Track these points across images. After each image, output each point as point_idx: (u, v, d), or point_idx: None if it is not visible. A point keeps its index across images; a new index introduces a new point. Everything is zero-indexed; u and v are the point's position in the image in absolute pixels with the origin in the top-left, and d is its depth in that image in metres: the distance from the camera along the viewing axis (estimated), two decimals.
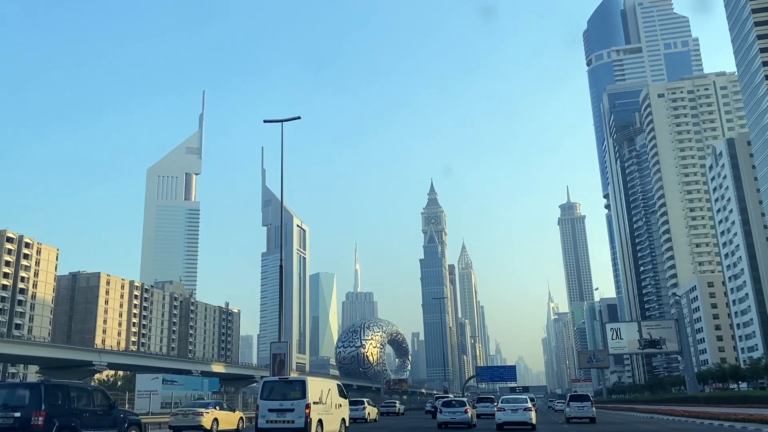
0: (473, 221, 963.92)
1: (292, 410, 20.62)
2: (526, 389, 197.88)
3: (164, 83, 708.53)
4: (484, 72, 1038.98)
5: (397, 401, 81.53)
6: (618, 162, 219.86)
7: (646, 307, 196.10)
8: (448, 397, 53.00)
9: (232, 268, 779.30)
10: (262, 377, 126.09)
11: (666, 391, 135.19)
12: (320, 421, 21.37)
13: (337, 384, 25.20)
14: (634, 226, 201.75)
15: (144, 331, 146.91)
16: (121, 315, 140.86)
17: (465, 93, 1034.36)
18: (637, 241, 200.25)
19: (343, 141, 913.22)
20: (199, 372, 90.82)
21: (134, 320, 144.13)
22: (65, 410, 16.16)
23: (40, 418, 15.08)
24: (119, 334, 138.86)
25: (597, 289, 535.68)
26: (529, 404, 32.45)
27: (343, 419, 24.77)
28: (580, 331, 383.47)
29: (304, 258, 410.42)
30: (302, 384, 21.28)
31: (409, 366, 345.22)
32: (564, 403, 66.72)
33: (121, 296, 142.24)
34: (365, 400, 52.40)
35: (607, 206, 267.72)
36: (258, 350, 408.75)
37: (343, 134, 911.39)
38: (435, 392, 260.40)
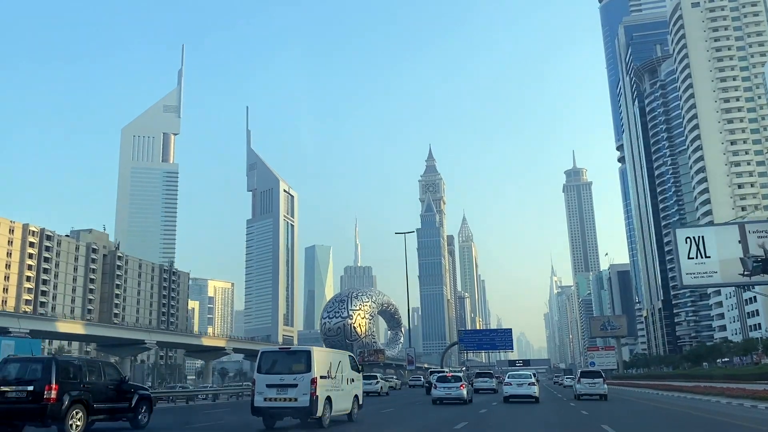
0: (474, 193, 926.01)
1: (294, 386, 17.03)
2: (527, 362, 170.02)
3: (140, 36, 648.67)
4: (484, 30, 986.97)
5: (422, 376, 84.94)
6: (636, 102, 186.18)
7: (669, 266, 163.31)
8: (443, 371, 50.76)
9: (214, 237, 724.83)
10: (158, 342, 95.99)
11: (695, 363, 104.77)
12: (328, 399, 17.85)
13: (349, 356, 21.32)
14: (656, 173, 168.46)
15: (45, 289, 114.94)
16: (9, 267, 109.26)
17: (463, 54, 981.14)
18: (659, 189, 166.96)
19: (339, 109, 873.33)
20: (28, 331, 60.15)
21: (29, 274, 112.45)
22: (77, 384, 15.80)
23: (53, 392, 14.86)
24: (6, 290, 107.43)
25: (606, 254, 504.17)
26: (533, 379, 33.79)
27: (356, 396, 20.64)
28: (585, 302, 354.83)
29: (292, 225, 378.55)
30: (307, 355, 17.67)
31: (402, 338, 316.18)
32: (572, 378, 60.26)
33: (10, 243, 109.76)
34: (377, 374, 55.90)
35: (621, 159, 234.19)
36: (244, 325, 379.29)
37: (338, 102, 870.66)
38: (427, 366, 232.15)
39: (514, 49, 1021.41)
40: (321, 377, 17.50)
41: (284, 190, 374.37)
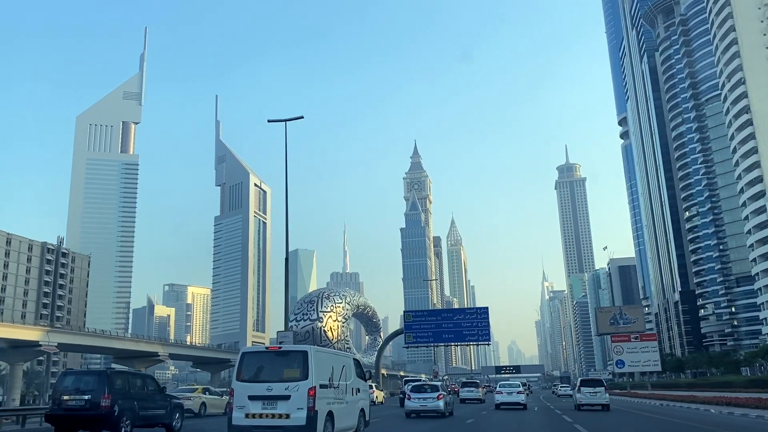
0: (463, 197, 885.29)
1: (286, 398, 12.99)
2: (517, 369, 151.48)
3: (99, 16, 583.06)
4: (473, 25, 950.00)
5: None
6: (645, 57, 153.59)
7: (692, 248, 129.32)
8: (418, 380, 44.62)
9: (177, 235, 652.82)
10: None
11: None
12: (330, 415, 13.62)
13: (354, 359, 16.78)
14: (673, 134, 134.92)
15: None
16: None
17: (450, 50, 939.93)
18: (677, 155, 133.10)
19: (322, 104, 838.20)
20: None
21: None
22: (126, 394, 17.09)
23: (107, 401, 16.27)
24: None
25: (605, 248, 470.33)
26: (521, 389, 37.91)
27: (363, 410, 16.33)
28: (580, 305, 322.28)
29: (264, 223, 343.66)
30: (303, 357, 13.47)
31: (380, 344, 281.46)
32: (568, 387, 64.73)
33: None
34: (373, 384, 51.11)
35: (624, 135, 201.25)
36: (210, 332, 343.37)
37: (321, 97, 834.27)
38: (402, 374, 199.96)
39: (503, 43, 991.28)
40: (321, 386, 13.29)
41: (255, 184, 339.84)
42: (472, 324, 53.63)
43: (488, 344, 56.11)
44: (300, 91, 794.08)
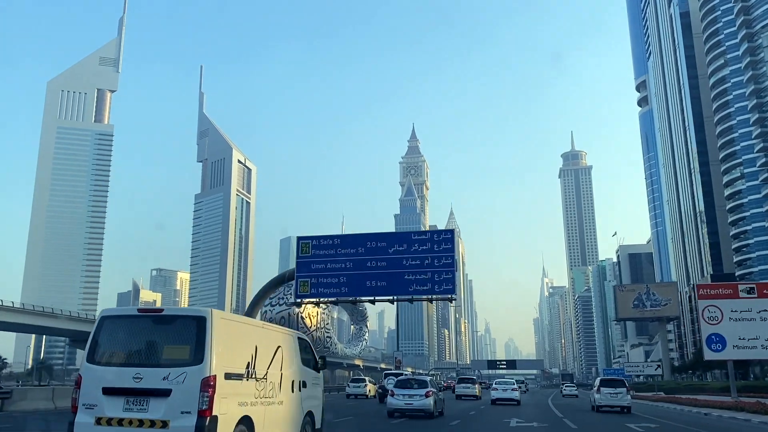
0: (463, 189, 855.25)
1: (165, 393, 7.65)
2: (512, 364, 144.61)
3: None
4: (474, 17, 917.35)
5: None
6: (672, 7, 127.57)
7: (731, 220, 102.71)
8: (403, 374, 41.27)
9: (154, 213, 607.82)
10: None
11: None
12: (246, 421, 8.32)
13: (300, 338, 10.89)
14: (711, 81, 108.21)
15: None
16: None
17: (446, 40, 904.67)
18: (715, 106, 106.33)
19: (316, 90, 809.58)
20: None
21: None
22: None
23: None
24: None
25: (615, 234, 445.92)
26: (516, 386, 38.97)
27: (311, 414, 10.62)
28: (582, 299, 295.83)
29: (248, 202, 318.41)
30: (196, 326, 7.94)
31: (367, 335, 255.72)
32: (573, 387, 65.71)
33: None
34: (366, 378, 52.50)
35: (641, 102, 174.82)
36: None
37: (323, 93, 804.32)
38: (382, 366, 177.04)
39: (506, 29, 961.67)
40: (229, 376, 8.00)
41: (239, 161, 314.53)
42: (424, 262, 27.98)
43: (452, 298, 30.11)
44: (294, 73, 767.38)
